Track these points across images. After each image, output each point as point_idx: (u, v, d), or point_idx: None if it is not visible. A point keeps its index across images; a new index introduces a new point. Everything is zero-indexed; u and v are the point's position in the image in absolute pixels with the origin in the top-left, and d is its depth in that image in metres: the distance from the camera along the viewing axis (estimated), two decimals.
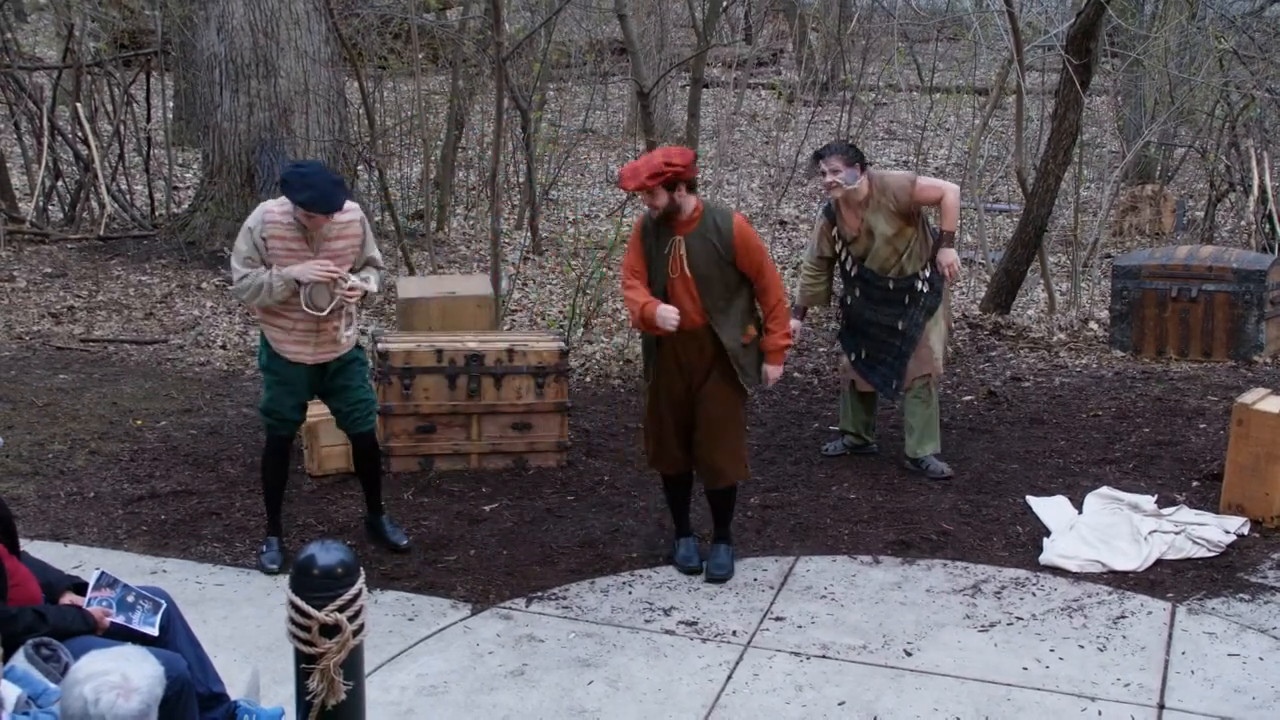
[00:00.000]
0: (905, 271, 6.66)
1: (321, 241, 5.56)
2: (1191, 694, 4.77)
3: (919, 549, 6.00)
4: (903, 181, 6.58)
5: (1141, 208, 13.22)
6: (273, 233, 5.52)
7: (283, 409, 5.76)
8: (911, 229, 6.62)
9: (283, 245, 5.53)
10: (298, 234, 5.54)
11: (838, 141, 6.63)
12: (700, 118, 11.38)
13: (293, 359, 5.67)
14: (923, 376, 6.79)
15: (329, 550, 3.57)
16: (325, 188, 5.40)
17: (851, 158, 6.49)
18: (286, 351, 5.67)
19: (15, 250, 11.39)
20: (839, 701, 4.75)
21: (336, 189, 5.45)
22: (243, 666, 4.83)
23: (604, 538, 6.17)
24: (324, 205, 5.41)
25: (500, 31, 9.50)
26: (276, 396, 5.75)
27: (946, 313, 6.94)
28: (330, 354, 5.72)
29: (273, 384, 5.75)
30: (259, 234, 5.53)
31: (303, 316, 5.59)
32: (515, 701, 4.77)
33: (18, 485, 6.72)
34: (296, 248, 5.54)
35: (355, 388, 5.84)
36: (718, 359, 5.64)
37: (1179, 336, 8.89)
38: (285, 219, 5.53)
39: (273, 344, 5.69)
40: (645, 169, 5.47)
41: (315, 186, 5.38)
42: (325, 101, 11.42)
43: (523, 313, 10.03)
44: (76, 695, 3.21)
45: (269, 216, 5.55)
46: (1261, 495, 6.12)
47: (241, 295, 5.67)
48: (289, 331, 5.64)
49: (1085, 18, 9.36)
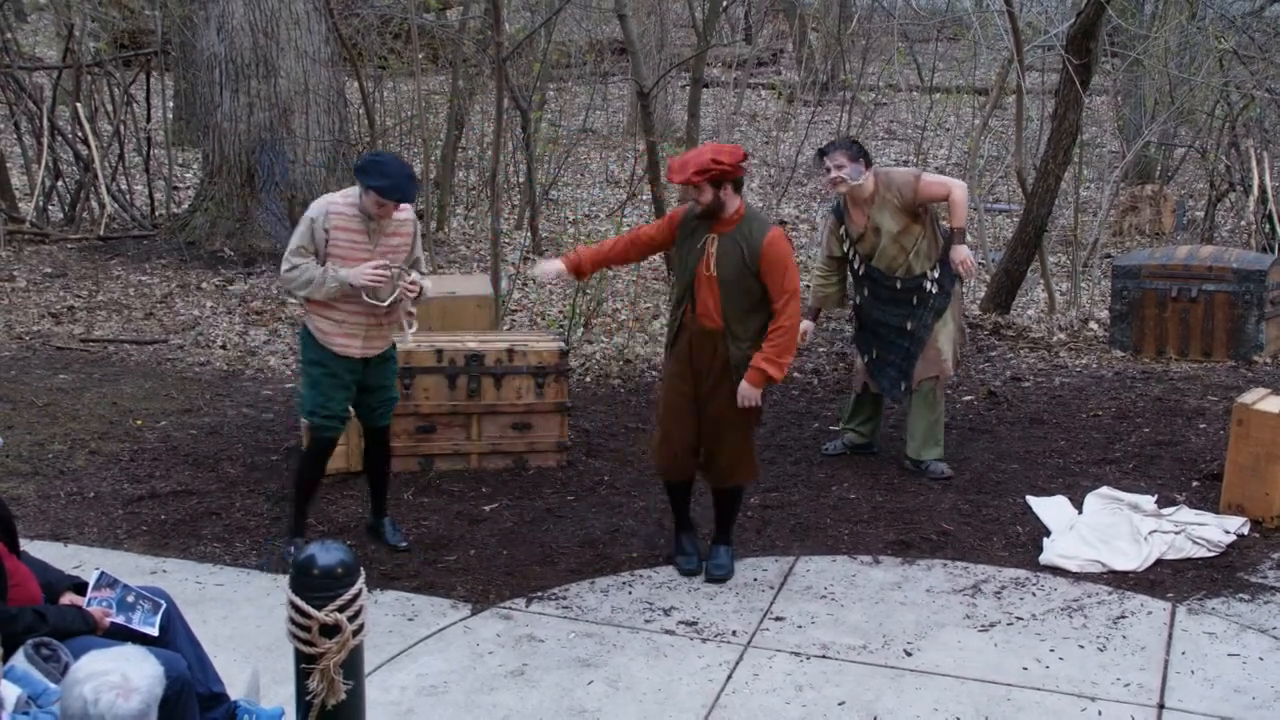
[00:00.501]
0: (913, 271, 6.64)
1: (380, 236, 5.56)
2: (1191, 694, 4.77)
3: (919, 549, 6.00)
4: (907, 178, 6.57)
5: (1141, 208, 13.23)
6: (336, 224, 5.50)
7: (332, 404, 5.68)
8: (919, 227, 6.60)
9: (346, 237, 5.51)
10: (360, 226, 5.52)
11: (841, 138, 6.63)
12: (700, 118, 11.37)
13: (340, 351, 5.63)
14: (930, 378, 6.78)
15: (329, 550, 3.57)
16: (400, 178, 5.40)
17: (855, 154, 6.49)
18: (334, 344, 5.63)
19: (15, 250, 11.39)
20: (839, 701, 4.75)
21: (410, 181, 5.45)
22: (243, 666, 4.83)
23: (604, 538, 6.17)
24: (398, 193, 5.39)
25: (500, 31, 9.50)
26: (326, 391, 5.66)
27: (958, 314, 6.90)
28: (377, 349, 5.71)
29: (321, 378, 5.67)
30: (322, 225, 5.49)
31: (354, 309, 5.58)
32: (515, 701, 4.77)
33: (18, 485, 6.72)
34: (359, 240, 5.53)
35: (389, 385, 5.86)
36: (729, 366, 5.55)
37: (1179, 336, 8.89)
38: (350, 210, 5.52)
39: (318, 335, 5.64)
40: (693, 164, 5.41)
41: (391, 175, 5.37)
42: (325, 101, 11.43)
43: (523, 313, 10.03)
44: (76, 695, 3.21)
45: (333, 208, 5.52)
46: (1261, 495, 6.13)
47: (289, 285, 5.64)
48: (339, 324, 5.61)
49: (1085, 17, 9.36)
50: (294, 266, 5.53)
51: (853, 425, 7.15)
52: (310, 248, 5.52)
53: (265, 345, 9.34)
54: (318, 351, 5.66)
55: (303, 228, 5.55)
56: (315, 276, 5.49)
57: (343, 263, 5.53)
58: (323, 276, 5.49)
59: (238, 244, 11.36)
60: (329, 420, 5.72)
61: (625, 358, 8.91)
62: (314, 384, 5.69)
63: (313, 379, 5.70)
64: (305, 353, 5.75)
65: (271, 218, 11.39)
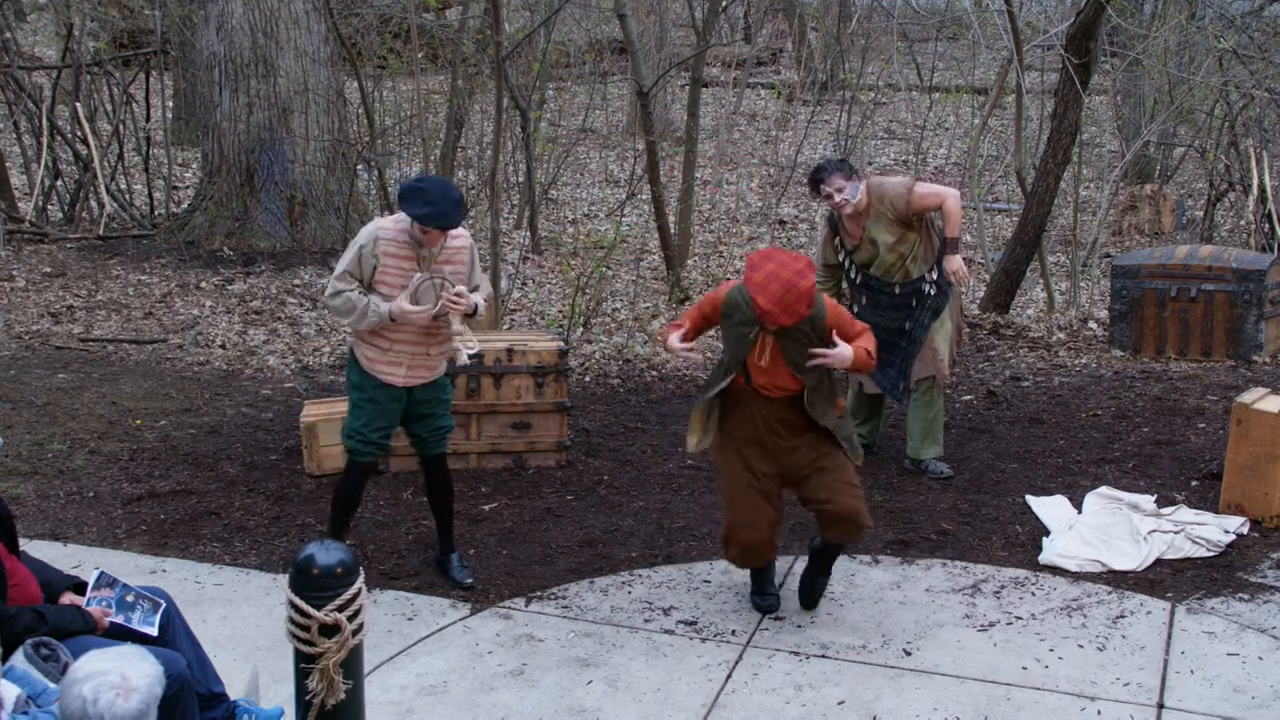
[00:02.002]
0: (910, 275, 6.64)
1: (432, 264, 5.37)
2: (1191, 693, 4.77)
3: (918, 548, 6.00)
4: (900, 189, 6.53)
5: (1141, 207, 13.23)
6: (386, 249, 5.29)
7: (368, 432, 5.47)
8: (914, 234, 6.59)
9: (395, 264, 5.32)
10: (410, 252, 5.32)
11: (829, 160, 6.59)
12: (699, 117, 11.37)
13: (385, 379, 5.44)
14: (927, 378, 6.78)
15: (328, 550, 3.57)
16: (445, 205, 5.18)
17: (849, 172, 6.47)
18: (378, 371, 5.44)
19: (15, 250, 11.39)
20: (838, 701, 4.75)
21: (455, 207, 5.23)
22: (242, 666, 4.83)
23: (603, 537, 6.17)
24: (442, 221, 5.19)
25: (499, 31, 9.50)
26: (366, 418, 5.48)
27: (956, 315, 6.90)
28: (422, 379, 5.51)
29: (362, 403, 5.49)
30: (371, 250, 5.29)
31: (400, 338, 5.39)
32: (515, 701, 4.77)
33: (17, 485, 6.72)
34: (408, 267, 5.33)
35: (440, 415, 5.63)
36: (808, 430, 5.12)
37: (1178, 336, 8.89)
38: (401, 236, 5.30)
39: (364, 361, 5.46)
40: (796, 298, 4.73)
41: (435, 203, 5.17)
42: (325, 101, 11.43)
43: (522, 312, 10.03)
44: (76, 695, 3.21)
45: (383, 233, 5.31)
46: (1261, 495, 6.13)
47: (333, 312, 5.44)
48: (384, 351, 5.41)
49: (1085, 17, 9.37)
50: (338, 293, 5.32)
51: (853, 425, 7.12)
52: (357, 274, 5.32)
53: (264, 345, 9.34)
54: (361, 377, 5.49)
55: (350, 254, 5.35)
56: (358, 307, 5.30)
57: (390, 289, 5.34)
58: (364, 308, 5.29)
59: (237, 244, 11.37)
60: (365, 446, 5.51)
61: (625, 357, 8.91)
62: (355, 408, 5.52)
63: (354, 403, 5.53)
64: (350, 376, 5.58)
65: (271, 217, 11.40)
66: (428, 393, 5.55)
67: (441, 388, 5.62)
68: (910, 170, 14.54)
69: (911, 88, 16.68)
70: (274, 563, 5.89)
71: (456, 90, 12.76)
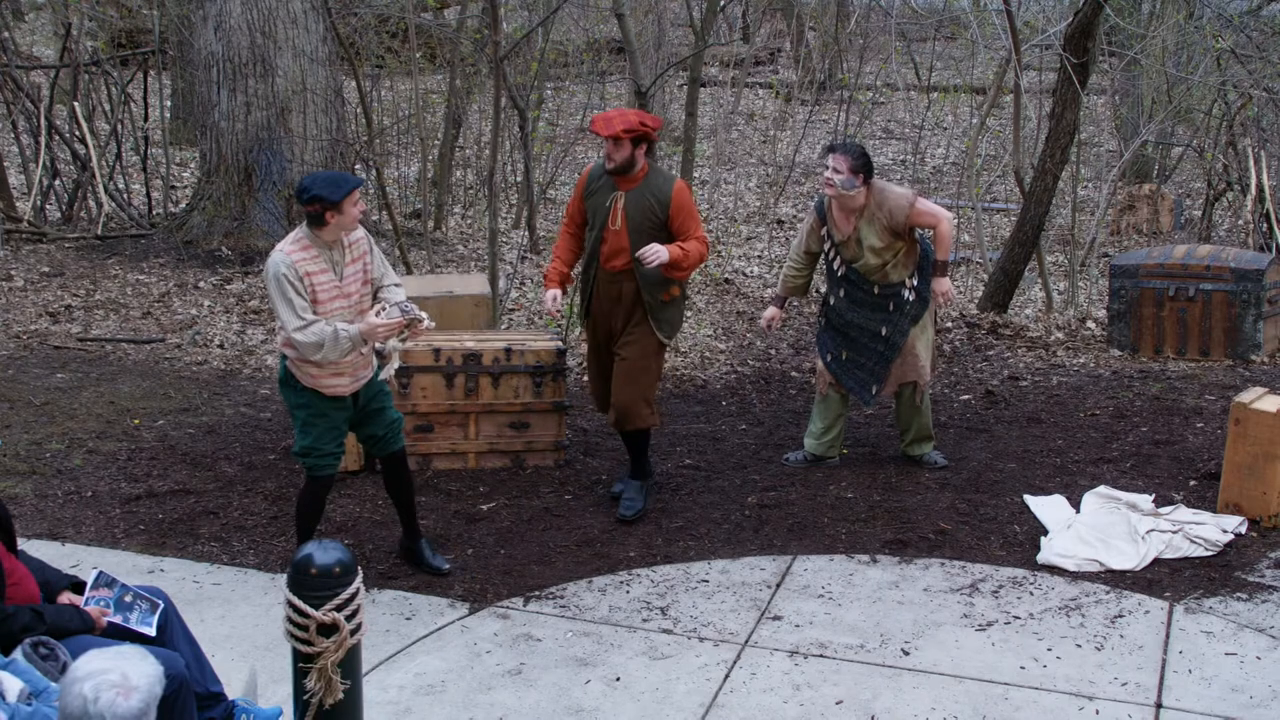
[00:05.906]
0: (890, 279, 6.64)
1: (343, 267, 5.32)
2: (1189, 693, 4.77)
3: (916, 548, 6.01)
4: (901, 202, 6.48)
5: (1139, 207, 13.23)
6: (305, 269, 5.20)
7: (324, 445, 5.43)
8: (901, 243, 6.59)
9: (317, 280, 5.23)
10: (324, 263, 5.25)
11: (854, 144, 6.58)
12: (698, 117, 11.36)
13: (329, 392, 5.37)
14: (909, 384, 6.79)
15: (326, 550, 3.58)
16: (331, 175, 5.22)
17: (857, 165, 6.40)
18: (322, 385, 5.36)
19: (13, 249, 11.38)
20: (836, 701, 4.75)
21: (339, 175, 5.25)
22: (240, 666, 4.83)
23: (601, 537, 6.17)
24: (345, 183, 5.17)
25: (498, 31, 9.50)
26: (316, 433, 5.41)
27: (932, 321, 6.90)
28: (365, 379, 5.47)
29: (312, 419, 5.40)
30: (296, 276, 5.17)
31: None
32: (513, 700, 4.77)
33: (15, 484, 6.72)
34: (326, 280, 5.25)
35: (388, 409, 5.61)
36: (637, 307, 6.11)
37: (1177, 336, 8.90)
38: (307, 253, 5.23)
39: (304, 378, 5.35)
40: (619, 121, 5.86)
41: (325, 179, 5.18)
42: (323, 101, 11.42)
43: (520, 312, 10.03)
44: (76, 694, 3.21)
45: (292, 256, 5.20)
46: (1259, 494, 6.13)
47: (307, 352, 5.20)
48: (323, 366, 5.31)
49: (1083, 16, 9.37)
50: (305, 325, 5.15)
51: (814, 434, 7.00)
52: (305, 301, 5.19)
53: (263, 344, 9.34)
54: (304, 395, 5.38)
55: (285, 292, 5.16)
56: (327, 337, 5.16)
57: (321, 307, 5.25)
58: (334, 336, 5.18)
59: (235, 243, 11.35)
60: (323, 460, 5.46)
61: None
62: (305, 426, 5.42)
63: (303, 422, 5.42)
64: (290, 396, 5.44)
65: (269, 217, 11.38)
66: (369, 390, 5.57)
67: (378, 382, 5.62)
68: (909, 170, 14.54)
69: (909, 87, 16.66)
70: (272, 562, 5.89)
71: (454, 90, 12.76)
